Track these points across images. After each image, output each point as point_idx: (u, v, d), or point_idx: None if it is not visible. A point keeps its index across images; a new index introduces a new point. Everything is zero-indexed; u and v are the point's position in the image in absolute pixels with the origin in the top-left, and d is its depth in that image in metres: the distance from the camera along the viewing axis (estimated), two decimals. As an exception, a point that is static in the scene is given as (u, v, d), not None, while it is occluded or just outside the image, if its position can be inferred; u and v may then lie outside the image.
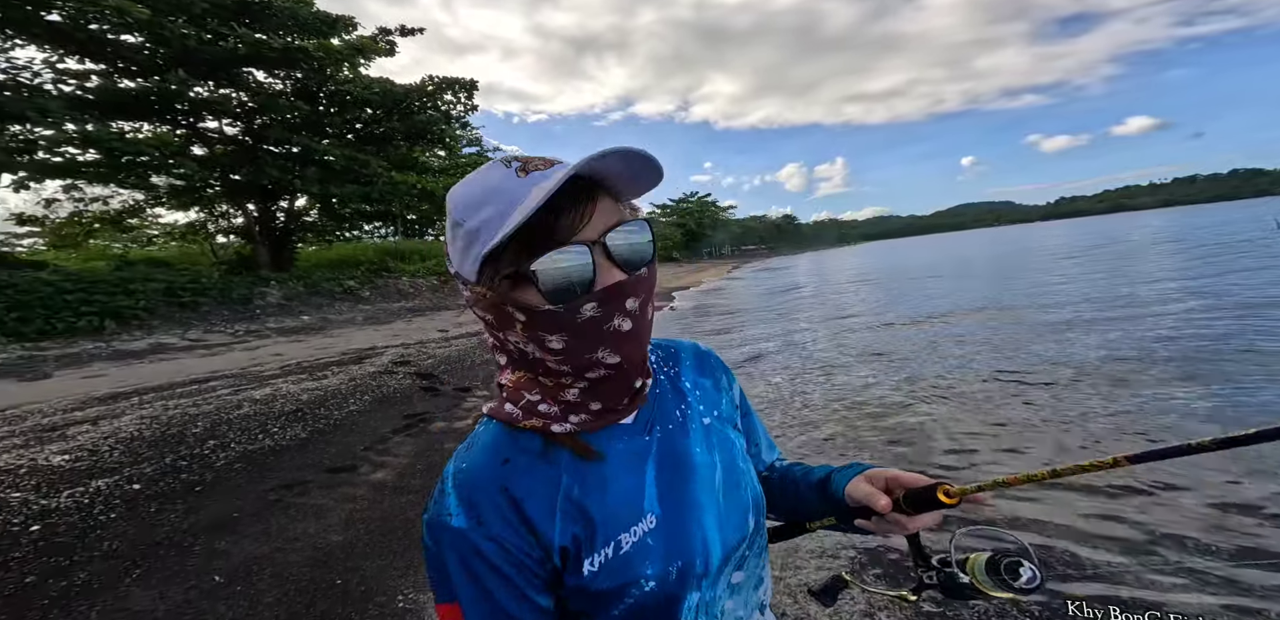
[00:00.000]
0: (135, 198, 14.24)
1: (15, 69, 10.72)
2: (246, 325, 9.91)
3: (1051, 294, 9.94)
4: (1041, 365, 5.00)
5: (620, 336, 0.46)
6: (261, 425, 4.13)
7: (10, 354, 6.99)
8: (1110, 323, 6.56)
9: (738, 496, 0.56)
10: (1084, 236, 37.64)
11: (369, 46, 14.52)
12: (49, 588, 2.12)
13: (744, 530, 0.55)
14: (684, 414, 0.58)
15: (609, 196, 0.47)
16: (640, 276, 0.47)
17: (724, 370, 0.66)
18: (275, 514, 2.87)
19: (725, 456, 0.57)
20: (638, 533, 0.49)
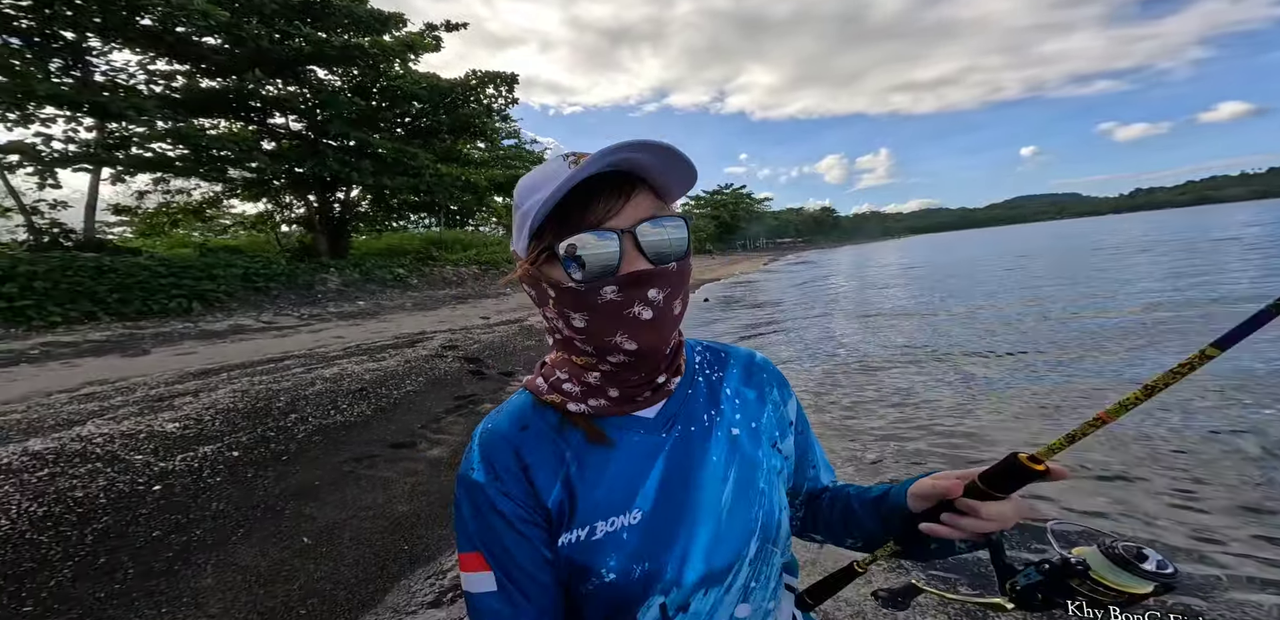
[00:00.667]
0: (214, 190, 15.46)
1: (114, 71, 11.80)
2: (310, 309, 10.68)
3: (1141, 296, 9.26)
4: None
5: (639, 324, 0.48)
6: (333, 401, 4.52)
7: (114, 332, 7.87)
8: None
9: (743, 516, 0.53)
10: (1172, 231, 34.41)
11: (418, 42, 14.99)
12: (172, 542, 2.45)
13: (739, 553, 0.52)
14: (712, 420, 0.56)
15: (650, 192, 0.49)
16: (667, 270, 0.48)
17: (778, 384, 0.63)
18: (349, 484, 3.17)
19: (744, 472, 0.55)
20: (616, 524, 0.50)
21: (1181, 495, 2.65)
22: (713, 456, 0.55)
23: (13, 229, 11.62)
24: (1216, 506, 2.52)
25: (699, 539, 0.51)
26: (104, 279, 8.74)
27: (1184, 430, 3.40)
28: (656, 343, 0.50)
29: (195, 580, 2.19)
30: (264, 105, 13.76)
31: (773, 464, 0.58)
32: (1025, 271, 16.14)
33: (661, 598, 0.50)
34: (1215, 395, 3.90)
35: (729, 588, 0.52)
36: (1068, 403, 4.04)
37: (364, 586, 2.22)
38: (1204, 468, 2.94)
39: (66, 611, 1.97)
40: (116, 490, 2.84)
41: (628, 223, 0.47)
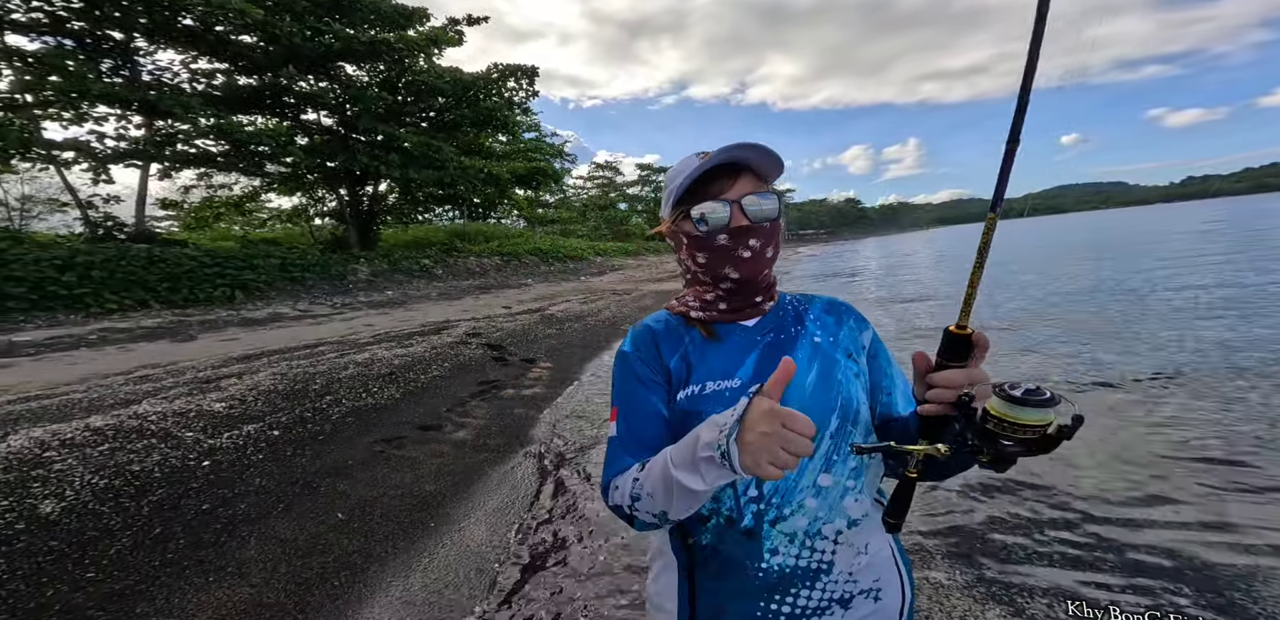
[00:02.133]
0: (252, 184, 16.08)
1: (160, 70, 12.33)
2: (342, 298, 11.06)
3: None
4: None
5: (741, 260, 0.72)
6: (364, 385, 4.69)
7: (164, 318, 8.33)
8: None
9: (824, 396, 0.70)
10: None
11: (441, 37, 15.13)
12: (220, 515, 2.60)
13: (825, 423, 0.68)
14: (797, 332, 0.76)
15: (754, 175, 0.72)
16: (762, 227, 0.71)
17: (855, 317, 0.81)
18: (379, 464, 3.30)
19: (824, 366, 0.72)
20: (721, 385, 0.70)
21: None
22: (799, 353, 0.73)
23: (70, 222, 12.38)
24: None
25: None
26: (154, 269, 9.25)
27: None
28: (753, 274, 0.73)
29: (240, 551, 2.33)
30: (297, 101, 14.17)
31: (849, 367, 0.74)
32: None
33: None
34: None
35: (813, 455, 0.66)
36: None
37: (392, 560, 2.32)
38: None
39: (124, 578, 2.12)
40: (170, 465, 3.03)
41: (736, 195, 0.70)
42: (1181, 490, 2.66)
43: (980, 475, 2.87)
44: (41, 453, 3.02)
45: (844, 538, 0.67)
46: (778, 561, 0.65)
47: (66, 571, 2.11)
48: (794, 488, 0.66)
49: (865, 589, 0.68)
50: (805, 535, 0.66)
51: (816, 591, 0.65)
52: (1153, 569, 2.08)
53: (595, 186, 54.32)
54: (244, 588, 2.10)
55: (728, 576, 0.66)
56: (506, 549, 2.43)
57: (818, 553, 0.66)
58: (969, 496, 2.72)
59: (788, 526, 0.65)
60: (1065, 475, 2.89)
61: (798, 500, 0.66)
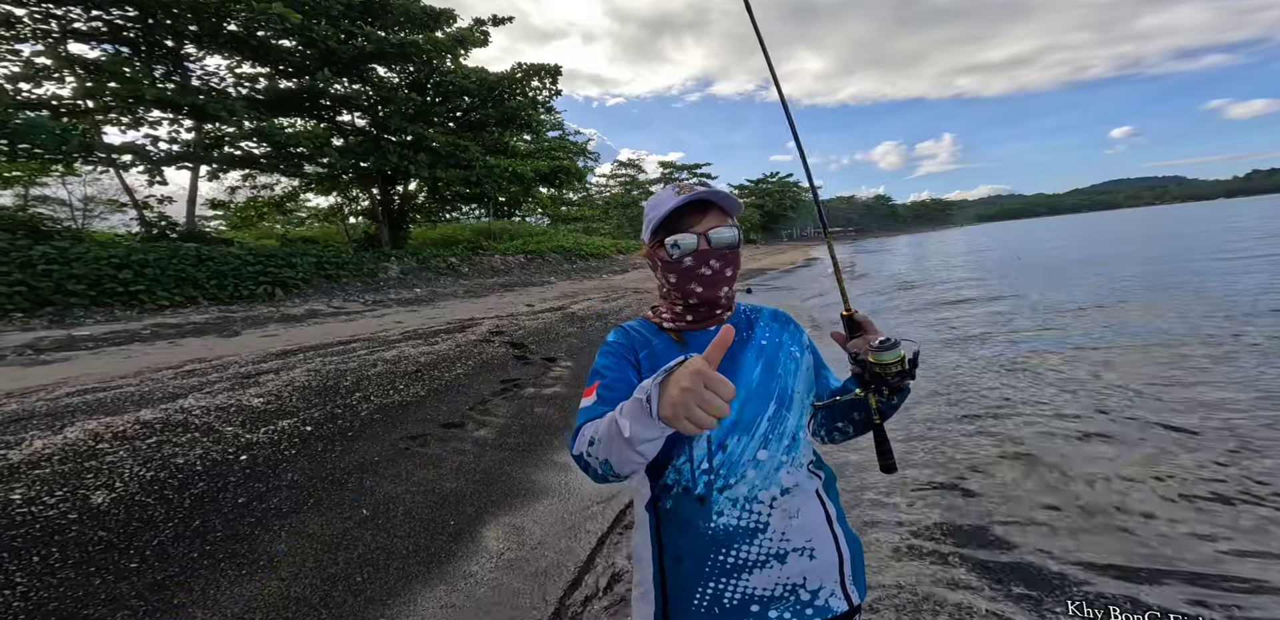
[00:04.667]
0: (292, 185, 16.75)
1: (207, 75, 12.95)
2: (374, 296, 11.42)
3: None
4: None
5: (703, 278, 0.88)
6: (391, 382, 4.82)
7: (211, 314, 8.79)
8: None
9: (767, 386, 0.87)
10: (1296, 217, 29.56)
11: (467, 37, 15.33)
12: (254, 508, 2.71)
13: (763, 409, 0.85)
14: (748, 336, 0.93)
15: (719, 211, 0.89)
16: (722, 251, 0.87)
17: (793, 323, 1.00)
18: (404, 461, 3.38)
19: (767, 362, 0.90)
20: None
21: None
22: (748, 354, 0.90)
23: (127, 222, 13.17)
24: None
25: (736, 397, 0.77)
26: (203, 267, 9.76)
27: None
28: (714, 290, 0.89)
29: (271, 545, 2.43)
30: (333, 103, 14.64)
31: (788, 364, 0.91)
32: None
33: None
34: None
35: (754, 435, 0.83)
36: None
37: (413, 557, 2.38)
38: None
39: (164, 568, 2.24)
40: (211, 459, 3.18)
41: (704, 228, 0.87)
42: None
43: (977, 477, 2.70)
44: (95, 445, 3.22)
45: (778, 503, 0.81)
46: (723, 521, 0.80)
47: (113, 561, 2.24)
48: (738, 461, 0.82)
49: (798, 547, 0.81)
50: (745, 500, 0.80)
51: (755, 547, 0.80)
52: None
53: (618, 184, 54.38)
54: (274, 581, 2.18)
55: (685, 533, 0.81)
56: (520, 553, 2.45)
57: (755, 515, 0.80)
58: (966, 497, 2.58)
59: (732, 493, 0.80)
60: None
61: (740, 472, 0.81)
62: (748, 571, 0.79)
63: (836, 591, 0.82)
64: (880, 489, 2.93)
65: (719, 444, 0.81)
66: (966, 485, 2.95)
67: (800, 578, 0.80)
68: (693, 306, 0.91)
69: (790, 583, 0.80)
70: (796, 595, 0.80)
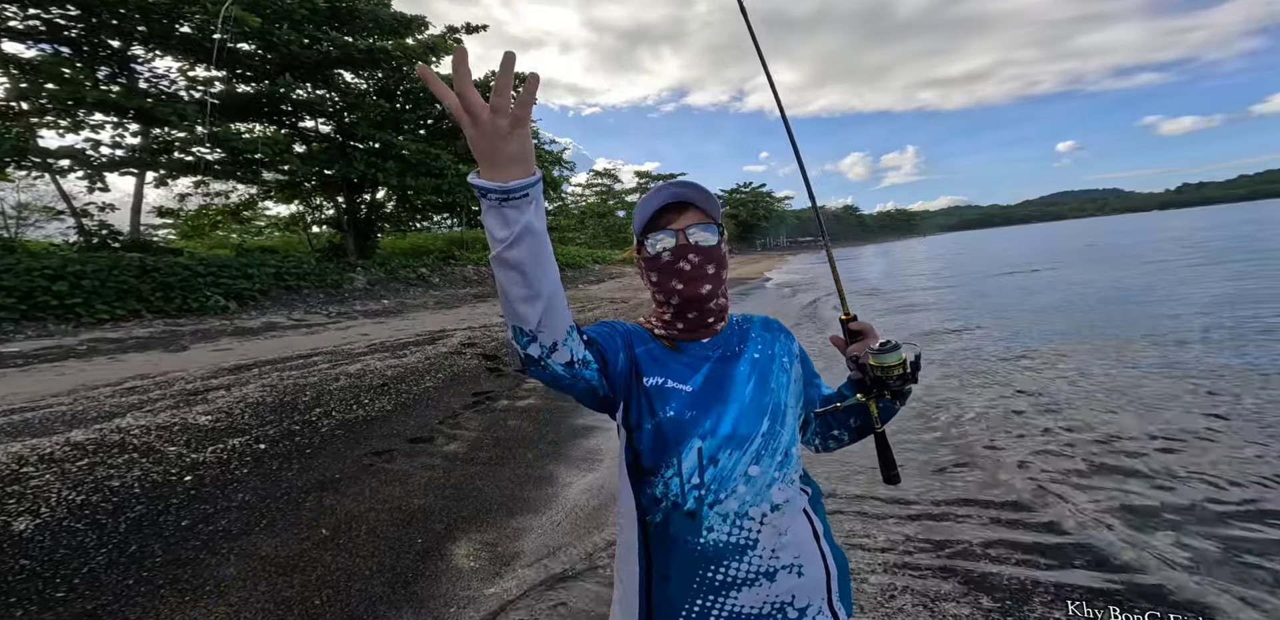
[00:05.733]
0: (249, 192, 16.07)
1: (157, 77, 12.36)
2: (338, 307, 10.99)
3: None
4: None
5: (683, 273, 0.85)
6: (355, 397, 4.62)
7: (156, 328, 8.25)
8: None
9: (760, 401, 0.84)
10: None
11: (440, 45, 15.22)
12: (200, 531, 2.53)
13: (757, 425, 0.82)
14: (741, 348, 0.90)
15: (698, 210, 0.88)
16: (701, 247, 0.86)
17: (784, 332, 0.97)
18: (368, 477, 3.23)
19: (761, 377, 0.87)
20: (679, 386, 0.82)
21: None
22: (742, 367, 0.87)
23: (65, 231, 12.32)
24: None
25: (730, 412, 0.81)
26: (148, 278, 9.18)
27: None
28: (695, 286, 0.85)
29: (218, 569, 2.26)
30: (295, 109, 14.21)
31: (780, 377, 0.88)
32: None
33: (700, 442, 0.78)
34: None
35: (746, 451, 0.80)
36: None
37: (377, 578, 2.26)
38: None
39: (96, 597, 2.05)
40: (150, 480, 2.96)
41: (681, 226, 0.87)
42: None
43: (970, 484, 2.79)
44: (19, 469, 2.95)
45: (768, 520, 0.79)
46: (713, 537, 0.77)
47: (36, 591, 2.04)
48: (729, 476, 0.79)
49: (787, 564, 0.79)
50: (736, 516, 0.78)
51: (744, 564, 0.77)
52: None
53: (594, 194, 54.55)
54: (221, 607, 2.03)
55: (674, 549, 0.78)
56: (494, 571, 2.37)
57: (745, 531, 0.78)
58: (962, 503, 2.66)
59: (723, 508, 0.77)
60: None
61: (731, 487, 0.78)
62: (736, 589, 0.77)
63: (824, 609, 0.81)
64: (852, 499, 2.96)
65: (710, 458, 0.78)
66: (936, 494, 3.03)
67: (789, 595, 0.78)
68: (681, 312, 0.88)
69: (779, 601, 0.78)
70: (784, 613, 0.78)
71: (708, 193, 0.87)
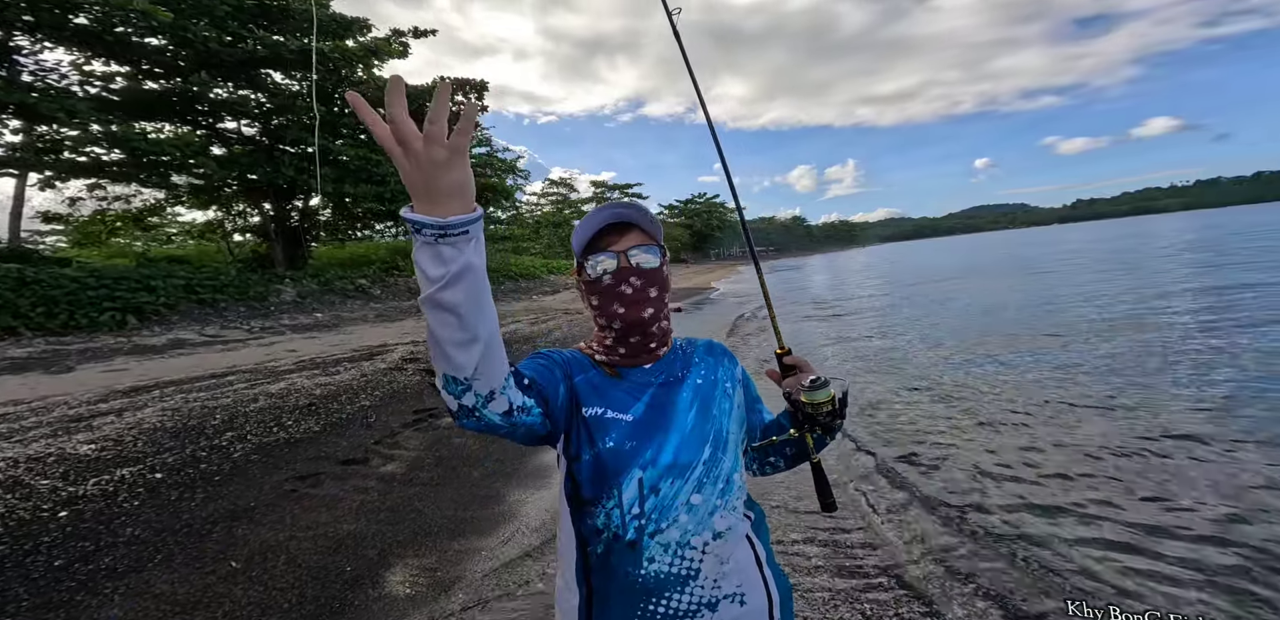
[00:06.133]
0: (156, 197, 14.56)
1: (44, 71, 11.04)
2: (262, 322, 10.10)
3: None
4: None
5: (625, 297, 0.83)
6: (276, 418, 4.24)
7: (36, 348, 7.22)
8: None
9: (702, 429, 0.83)
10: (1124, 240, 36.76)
11: (383, 48, 14.70)
12: (76, 571, 2.21)
13: (699, 453, 0.80)
14: (684, 373, 0.88)
15: (640, 231, 0.86)
16: (643, 270, 0.84)
17: (727, 356, 0.97)
18: (290, 504, 2.96)
19: (702, 404, 0.85)
20: (619, 416, 0.80)
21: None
22: (684, 394, 0.85)
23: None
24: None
25: (671, 440, 0.80)
26: (26, 291, 8.04)
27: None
28: (637, 310, 0.83)
29: (100, 611, 1.98)
30: (213, 108, 13.13)
31: (723, 403, 0.87)
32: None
33: (640, 472, 0.76)
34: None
35: (688, 479, 0.78)
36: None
37: (297, 611, 2.05)
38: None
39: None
40: (16, 517, 2.55)
41: (623, 247, 0.84)
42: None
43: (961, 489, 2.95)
44: None
45: (710, 548, 0.77)
46: (654, 568, 0.75)
47: None
48: (671, 505, 0.77)
49: (729, 594, 0.77)
50: (677, 546, 0.76)
51: (686, 595, 0.75)
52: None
53: (549, 203, 53.97)
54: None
55: (614, 580, 0.76)
56: (432, 597, 2.21)
57: (687, 561, 0.76)
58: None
59: (664, 538, 0.75)
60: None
61: (672, 516, 0.76)
62: None
63: None
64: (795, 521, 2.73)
65: (651, 488, 0.76)
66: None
67: None
68: (623, 336, 0.85)
69: None
70: None
71: (649, 213, 0.85)
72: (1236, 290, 8.65)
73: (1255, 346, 5.16)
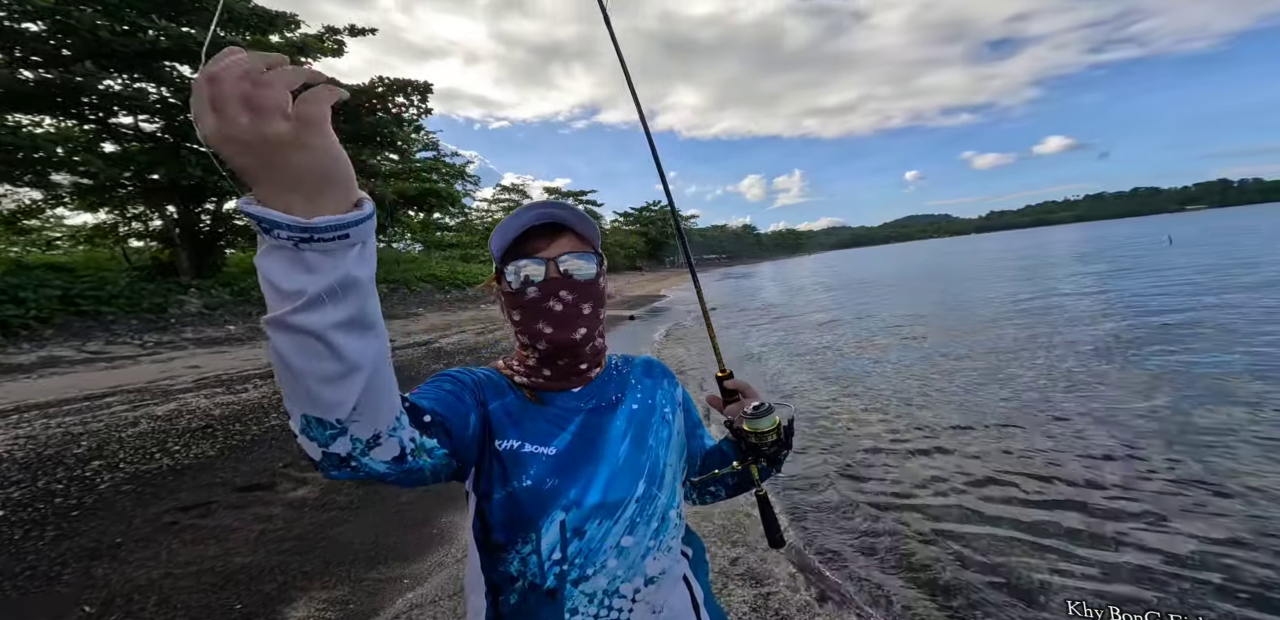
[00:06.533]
0: (33, 197, 12.82)
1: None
2: (159, 336, 9.04)
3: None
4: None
5: (552, 314, 0.70)
6: (160, 443, 3.79)
7: None
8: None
9: (636, 461, 0.72)
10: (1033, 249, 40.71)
11: (312, 45, 13.88)
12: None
13: (631, 489, 0.70)
14: (619, 397, 0.78)
15: (574, 236, 0.73)
16: (576, 282, 0.71)
17: (667, 376, 0.87)
18: (169, 538, 2.64)
19: (638, 433, 0.75)
20: (539, 449, 0.69)
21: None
22: (617, 422, 0.75)
23: None
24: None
25: (600, 475, 0.69)
26: None
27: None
28: (567, 331, 0.71)
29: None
30: (102, 101, 11.79)
31: (660, 431, 0.78)
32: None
33: (563, 514, 0.66)
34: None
35: (618, 519, 0.68)
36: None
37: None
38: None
39: None
40: None
41: (553, 254, 0.71)
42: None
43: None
44: None
45: (641, 595, 0.68)
46: None
47: None
48: (598, 549, 0.67)
49: None
50: (604, 594, 0.67)
51: None
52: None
53: (501, 210, 52.85)
54: None
55: None
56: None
57: (615, 611, 0.67)
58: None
59: (589, 586, 0.66)
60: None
61: (600, 561, 0.67)
62: None
63: None
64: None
65: (575, 530, 0.66)
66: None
67: None
68: (549, 357, 0.73)
69: None
70: None
71: (584, 215, 0.72)
72: (1118, 292, 9.88)
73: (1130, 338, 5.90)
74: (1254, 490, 2.59)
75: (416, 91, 15.67)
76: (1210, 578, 2.03)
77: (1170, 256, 17.17)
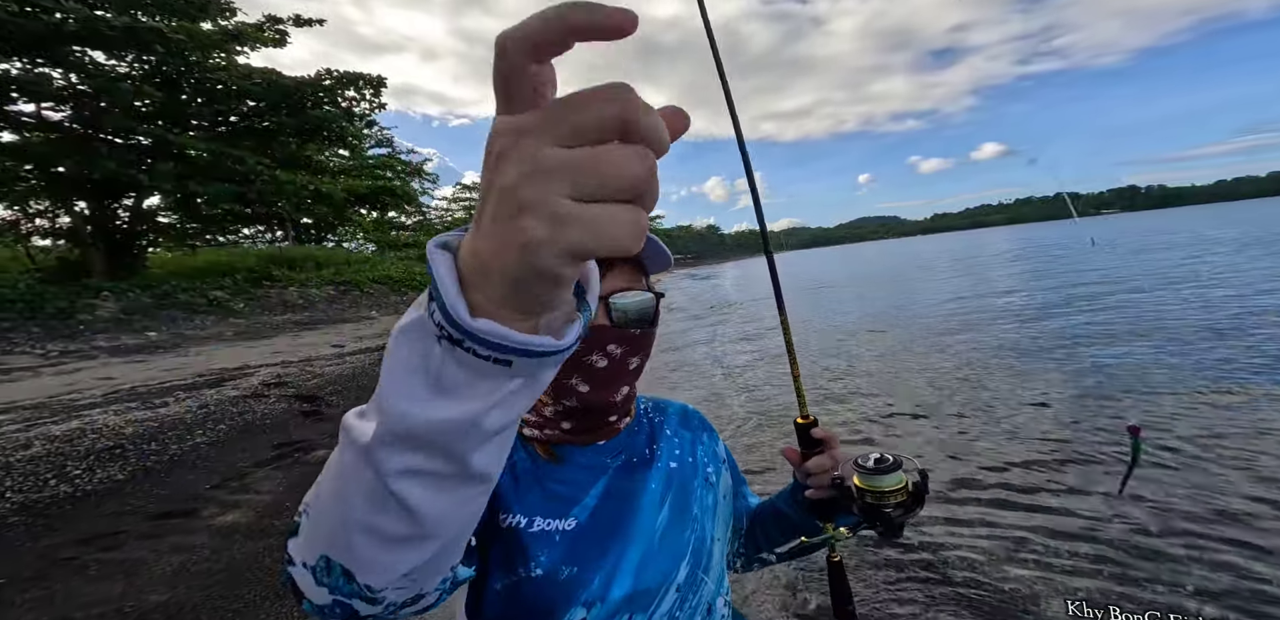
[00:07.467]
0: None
1: None
2: (64, 344, 8.08)
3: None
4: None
5: (594, 371, 0.54)
6: (57, 468, 3.35)
7: None
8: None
9: (677, 538, 0.58)
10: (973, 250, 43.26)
11: (249, 34, 13.01)
12: None
13: (671, 574, 0.56)
14: (653, 453, 0.63)
15: (630, 267, 0.56)
16: (629, 333, 0.55)
17: (706, 429, 0.73)
18: (67, 575, 2.32)
19: (679, 498, 0.61)
20: (551, 525, 0.54)
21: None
22: (651, 484, 0.61)
23: None
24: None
25: (630, 556, 0.55)
26: None
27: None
28: (606, 391, 0.56)
29: None
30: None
31: (705, 497, 0.63)
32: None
33: (583, 611, 0.52)
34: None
35: (652, 614, 0.54)
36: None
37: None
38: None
39: None
40: None
41: (604, 291, 0.53)
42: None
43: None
44: None
45: None
46: None
47: None
48: None
49: None
50: None
51: None
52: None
53: (461, 209, 51.29)
54: None
55: None
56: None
57: None
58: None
59: None
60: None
61: None
62: None
63: None
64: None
65: None
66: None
67: None
68: (570, 411, 0.57)
69: None
70: None
71: (658, 243, 0.53)
72: (1031, 291, 10.63)
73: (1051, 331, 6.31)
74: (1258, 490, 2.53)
75: (369, 85, 14.99)
76: (1210, 577, 2.02)
77: (1094, 256, 18.68)
